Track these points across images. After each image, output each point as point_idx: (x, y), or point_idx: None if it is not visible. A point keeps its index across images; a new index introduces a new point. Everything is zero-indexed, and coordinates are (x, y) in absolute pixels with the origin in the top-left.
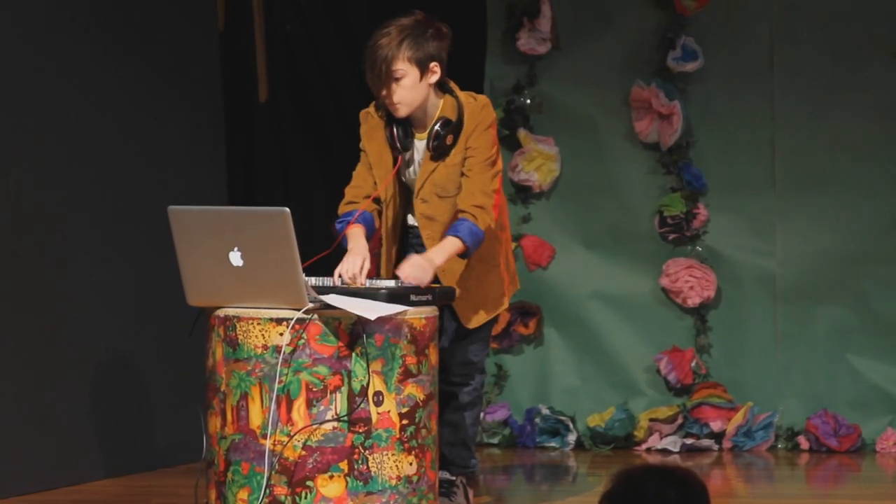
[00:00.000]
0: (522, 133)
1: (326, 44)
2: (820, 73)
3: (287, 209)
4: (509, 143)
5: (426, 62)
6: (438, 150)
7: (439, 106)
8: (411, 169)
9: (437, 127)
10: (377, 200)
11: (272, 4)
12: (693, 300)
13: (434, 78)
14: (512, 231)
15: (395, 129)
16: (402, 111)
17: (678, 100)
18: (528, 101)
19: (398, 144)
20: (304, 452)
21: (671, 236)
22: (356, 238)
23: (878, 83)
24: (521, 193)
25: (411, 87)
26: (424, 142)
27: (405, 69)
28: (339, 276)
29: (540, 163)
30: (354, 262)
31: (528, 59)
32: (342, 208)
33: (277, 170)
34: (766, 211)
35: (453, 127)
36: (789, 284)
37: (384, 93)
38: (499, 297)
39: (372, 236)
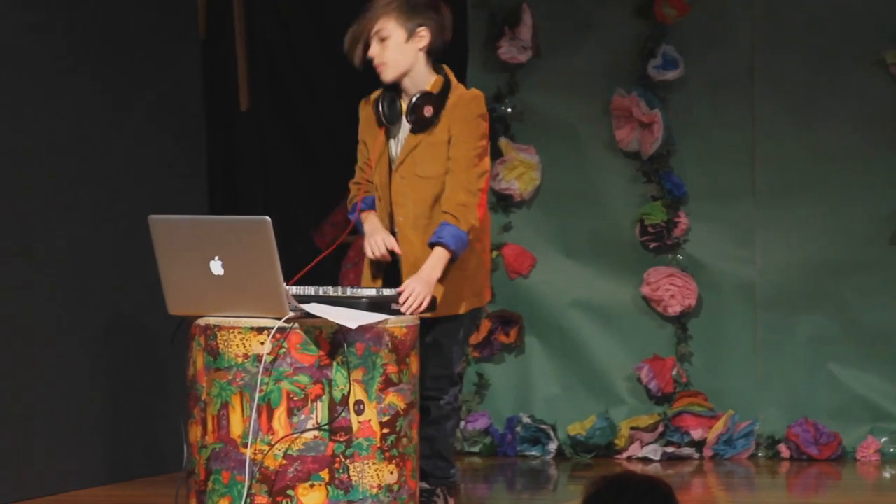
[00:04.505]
0: (503, 141)
1: (307, 52)
2: (801, 81)
3: (268, 218)
4: (490, 152)
5: (414, 26)
6: (418, 123)
7: (430, 82)
8: (399, 146)
9: (415, 98)
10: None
11: (253, 13)
12: (674, 308)
13: (422, 43)
14: (493, 240)
15: (381, 104)
16: (388, 73)
17: (659, 108)
18: (509, 109)
19: (384, 119)
20: (284, 461)
21: (652, 245)
22: (371, 220)
23: (859, 91)
24: (501, 202)
25: (396, 48)
26: None
27: (390, 29)
28: (372, 252)
29: (521, 171)
30: (386, 238)
31: (509, 68)
32: (352, 188)
33: (258, 178)
34: (747, 219)
35: (433, 98)
36: (770, 293)
37: (370, 53)
38: (479, 289)
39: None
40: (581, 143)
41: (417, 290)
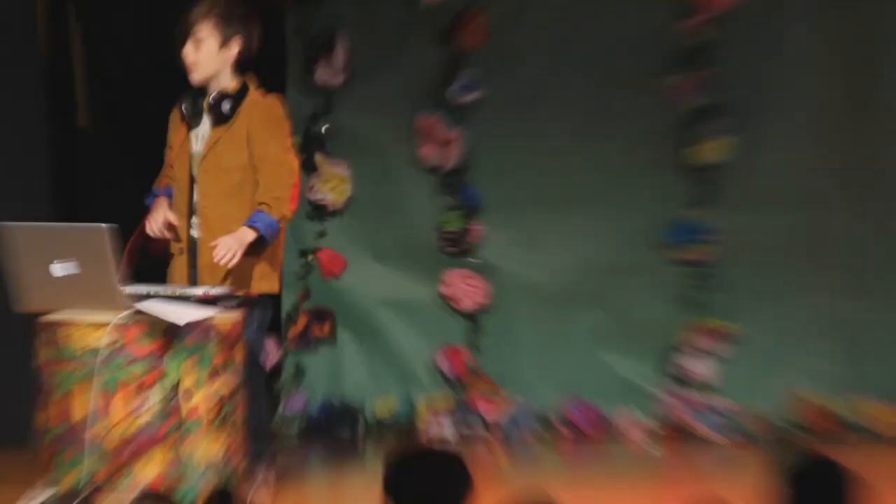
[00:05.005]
0: (318, 157)
1: (140, 69)
2: (584, 103)
3: (104, 225)
4: (306, 167)
5: (229, 35)
6: (218, 118)
7: (232, 85)
8: (201, 143)
9: (213, 95)
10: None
11: (89, 32)
12: (468, 305)
13: (232, 51)
14: (309, 245)
15: (184, 103)
16: (196, 74)
17: (458, 127)
18: (324, 128)
19: (186, 116)
20: (122, 441)
21: (450, 249)
22: (157, 203)
23: (637, 115)
24: (317, 211)
25: (208, 51)
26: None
27: (207, 34)
28: (151, 229)
29: (334, 184)
30: (163, 214)
31: (325, 91)
32: (157, 184)
33: (98, 189)
34: (534, 226)
35: (230, 96)
36: (552, 291)
37: (184, 52)
38: (267, 274)
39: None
40: (388, 158)
41: (229, 242)
